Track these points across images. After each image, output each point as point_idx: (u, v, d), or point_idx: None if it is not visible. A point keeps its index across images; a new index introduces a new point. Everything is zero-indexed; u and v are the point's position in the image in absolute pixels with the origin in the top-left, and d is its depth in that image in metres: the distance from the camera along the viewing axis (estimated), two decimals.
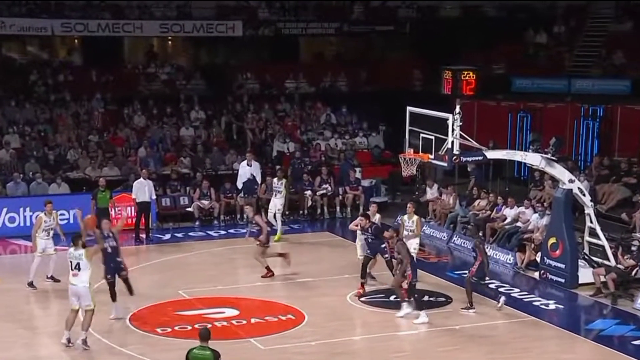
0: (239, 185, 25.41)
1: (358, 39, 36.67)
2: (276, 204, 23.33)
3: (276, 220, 23.23)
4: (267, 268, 19.42)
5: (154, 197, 23.54)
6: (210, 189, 25.28)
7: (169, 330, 16.16)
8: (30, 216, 22.86)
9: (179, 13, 33.00)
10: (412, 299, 16.92)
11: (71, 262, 15.13)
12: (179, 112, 30.70)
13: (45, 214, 18.69)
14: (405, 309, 16.93)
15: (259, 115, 30.96)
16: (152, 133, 29.00)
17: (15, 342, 15.67)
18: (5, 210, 23.30)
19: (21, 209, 23.28)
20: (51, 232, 18.67)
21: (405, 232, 19.03)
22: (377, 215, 19.46)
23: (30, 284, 18.49)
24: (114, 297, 16.61)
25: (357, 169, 27.52)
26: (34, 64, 33.24)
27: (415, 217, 19.42)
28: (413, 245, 19.16)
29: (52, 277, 18.75)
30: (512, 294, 18.69)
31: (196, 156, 27.78)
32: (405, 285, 17.01)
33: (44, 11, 31.29)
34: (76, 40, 34.68)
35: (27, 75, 31.74)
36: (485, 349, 15.60)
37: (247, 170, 25.29)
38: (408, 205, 19.92)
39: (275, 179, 23.76)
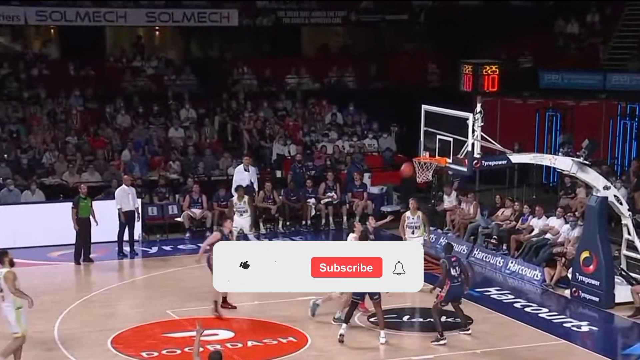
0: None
1: (367, 29, 36.70)
2: (242, 224, 22.92)
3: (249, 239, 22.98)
4: None
5: (137, 205, 23.51)
6: (202, 197, 25.27)
7: (156, 354, 16.14)
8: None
9: (168, 1, 33.05)
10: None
11: None
12: (168, 111, 30.73)
13: None
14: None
15: (256, 114, 30.96)
16: (138, 134, 29.02)
17: None
18: None
19: None
20: None
21: (408, 230, 20.18)
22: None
23: None
24: None
25: (367, 174, 27.52)
26: (5, 57, 33.23)
27: (419, 213, 20.45)
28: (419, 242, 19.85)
29: None
30: (540, 314, 18.68)
31: (186, 160, 27.79)
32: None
33: None
34: (52, 31, 34.72)
35: None
36: None
37: (244, 176, 25.17)
38: (410, 201, 20.80)
39: (234, 198, 23.39)
